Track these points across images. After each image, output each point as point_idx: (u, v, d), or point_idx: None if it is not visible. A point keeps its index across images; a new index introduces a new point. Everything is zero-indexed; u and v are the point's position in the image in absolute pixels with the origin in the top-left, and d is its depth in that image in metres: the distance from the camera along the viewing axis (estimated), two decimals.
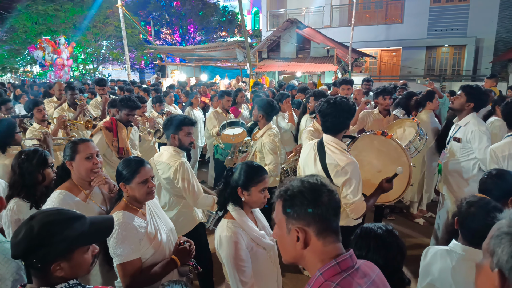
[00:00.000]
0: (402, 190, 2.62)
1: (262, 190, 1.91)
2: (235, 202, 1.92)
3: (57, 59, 15.24)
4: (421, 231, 4.58)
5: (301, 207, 1.10)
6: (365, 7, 18.91)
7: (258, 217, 2.07)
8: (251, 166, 1.95)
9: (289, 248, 1.15)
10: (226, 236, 1.82)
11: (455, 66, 17.73)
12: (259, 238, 1.90)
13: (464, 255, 1.71)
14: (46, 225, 1.21)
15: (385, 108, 4.33)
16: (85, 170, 2.09)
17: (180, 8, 25.13)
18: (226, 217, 1.93)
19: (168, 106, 6.26)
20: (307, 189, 1.12)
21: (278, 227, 1.18)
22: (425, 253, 1.92)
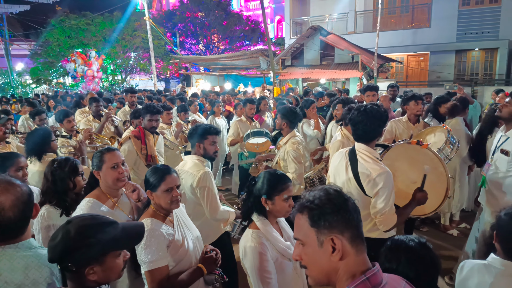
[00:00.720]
0: (439, 203, 2.48)
1: (286, 198, 1.87)
2: (259, 212, 1.89)
3: (88, 71, 15.93)
4: (454, 243, 4.36)
5: (333, 214, 1.06)
6: (390, 12, 18.57)
7: (283, 227, 2.02)
8: (274, 175, 1.92)
9: (322, 263, 1.08)
10: (250, 246, 1.80)
11: (487, 70, 17.01)
12: (284, 249, 1.86)
13: (504, 270, 1.60)
14: (81, 229, 1.25)
15: (416, 114, 4.15)
16: (111, 179, 2.14)
17: (204, 19, 25.70)
18: (251, 227, 1.90)
19: (193, 115, 6.36)
20: (334, 196, 1.10)
21: (306, 243, 1.10)
22: (461, 267, 1.81)
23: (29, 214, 1.50)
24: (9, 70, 19.33)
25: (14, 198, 1.44)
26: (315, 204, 1.09)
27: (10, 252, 1.45)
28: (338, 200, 1.09)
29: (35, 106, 6.37)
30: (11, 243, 1.46)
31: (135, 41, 21.87)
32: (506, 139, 3.11)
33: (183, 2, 26.60)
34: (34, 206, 1.53)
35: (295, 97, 7.83)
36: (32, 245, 1.51)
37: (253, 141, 4.77)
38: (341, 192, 1.12)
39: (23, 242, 1.48)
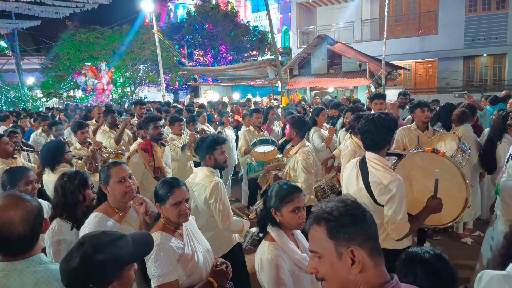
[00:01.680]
0: (458, 212, 2.39)
1: (294, 210, 1.85)
2: (273, 223, 1.90)
3: (98, 84, 16.19)
4: (468, 251, 4.26)
5: (352, 226, 1.05)
6: (397, 20, 18.59)
7: (299, 239, 2.00)
8: (281, 185, 1.92)
9: (342, 275, 1.06)
10: (267, 259, 1.78)
11: (496, 76, 16.83)
12: (301, 261, 1.84)
13: None
14: (98, 247, 1.25)
15: (424, 121, 4.13)
16: (119, 193, 2.13)
17: (212, 30, 26.04)
18: (267, 239, 1.89)
19: (201, 125, 6.40)
20: (352, 207, 1.08)
21: (323, 255, 1.08)
22: (480, 278, 1.76)
23: (39, 229, 1.51)
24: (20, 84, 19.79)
25: (24, 213, 1.44)
26: (333, 216, 1.07)
27: (20, 267, 1.44)
28: (356, 212, 1.07)
29: (53, 118, 6.50)
30: (20, 258, 1.45)
31: (144, 54, 22.23)
32: None
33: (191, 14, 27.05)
34: (44, 221, 1.54)
35: (303, 107, 7.84)
36: (42, 260, 1.50)
37: (260, 150, 4.77)
38: (358, 203, 1.11)
39: (33, 257, 1.48)
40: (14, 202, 1.45)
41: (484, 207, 4.92)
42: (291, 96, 13.60)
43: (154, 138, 3.91)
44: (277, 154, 4.80)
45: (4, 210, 1.43)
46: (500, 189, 3.20)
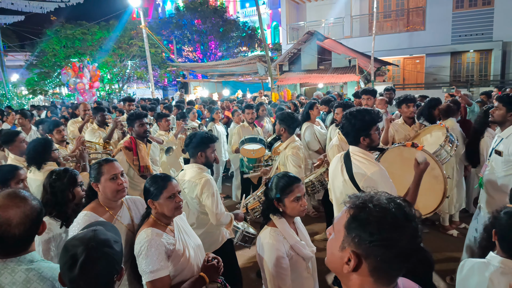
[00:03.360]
0: (437, 203, 2.51)
1: (296, 199, 1.97)
2: (275, 212, 2.02)
3: (78, 84, 15.69)
4: (455, 243, 4.36)
5: (369, 238, 0.94)
6: (385, 16, 18.74)
7: (299, 228, 2.14)
8: (281, 178, 2.04)
9: (336, 262, 1.03)
10: (268, 243, 1.91)
11: (482, 71, 17.16)
12: (299, 248, 1.97)
13: (503, 268, 1.64)
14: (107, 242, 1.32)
15: (409, 116, 4.23)
16: (111, 190, 2.11)
17: (201, 26, 25.84)
18: (269, 225, 2.03)
19: (192, 122, 6.38)
20: (388, 222, 0.94)
21: (335, 235, 1.05)
22: (462, 267, 1.84)
23: (35, 231, 1.50)
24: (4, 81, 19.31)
25: (23, 216, 1.43)
26: (361, 214, 0.98)
27: (12, 266, 1.44)
28: (388, 230, 0.93)
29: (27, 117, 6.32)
30: (12, 256, 1.45)
31: (131, 50, 21.94)
32: (500, 140, 3.18)
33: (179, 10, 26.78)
34: (42, 224, 1.54)
35: (294, 102, 7.87)
36: (34, 258, 1.50)
37: (249, 147, 4.83)
38: (402, 220, 0.95)
39: (25, 256, 1.48)
40: (16, 203, 1.44)
41: (469, 200, 5.04)
42: (281, 92, 13.63)
43: (140, 135, 3.86)
44: (265, 152, 4.85)
45: (3, 210, 1.41)
46: (484, 182, 3.30)
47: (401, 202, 0.99)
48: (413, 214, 0.98)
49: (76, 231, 1.92)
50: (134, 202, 2.33)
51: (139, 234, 1.93)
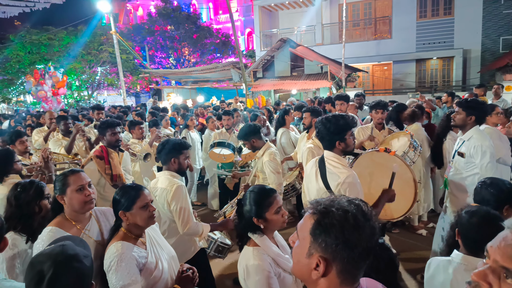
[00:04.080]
0: (408, 207, 2.60)
1: (277, 211, 1.85)
2: (255, 231, 1.84)
3: (39, 92, 14.93)
4: (424, 242, 4.54)
5: (335, 241, 0.97)
6: (354, 25, 19.38)
7: (279, 241, 1.99)
8: (257, 192, 1.89)
9: (303, 269, 1.04)
10: (254, 265, 1.73)
11: (445, 77, 18.05)
12: (285, 263, 1.82)
13: (465, 265, 1.72)
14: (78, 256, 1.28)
15: (378, 122, 4.39)
16: (78, 202, 2.02)
17: (174, 32, 25.60)
18: (249, 245, 1.84)
19: (165, 129, 6.29)
20: (350, 224, 0.97)
21: (300, 242, 1.06)
22: (429, 265, 1.93)
23: None
24: None
25: None
26: (327, 217, 1.00)
27: None
28: (351, 231, 0.97)
29: None
30: None
31: (101, 56, 21.37)
32: (462, 142, 3.33)
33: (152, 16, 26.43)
34: (3, 240, 1.46)
35: (267, 108, 7.94)
36: None
37: (218, 151, 4.82)
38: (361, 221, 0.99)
39: None
40: None
41: (436, 200, 5.27)
42: (256, 99, 13.72)
43: (112, 144, 3.74)
44: (234, 158, 4.87)
45: None
46: (448, 182, 3.46)
47: (359, 203, 1.03)
48: (370, 213, 1.02)
49: (40, 249, 1.82)
50: (104, 213, 2.24)
51: (108, 248, 1.86)
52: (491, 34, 16.46)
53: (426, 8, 17.39)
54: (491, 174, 3.01)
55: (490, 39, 16.52)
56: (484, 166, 3.10)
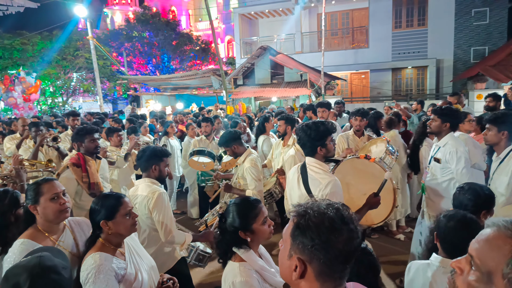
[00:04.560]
0: (388, 213, 2.64)
1: (264, 221, 1.80)
2: (241, 245, 1.77)
3: (9, 98, 14.35)
4: (403, 247, 4.63)
5: (311, 242, 0.99)
6: (333, 34, 19.82)
7: (263, 254, 1.93)
8: (241, 204, 1.83)
9: (285, 270, 1.07)
10: (241, 282, 1.66)
11: (420, 86, 18.69)
12: (272, 278, 1.77)
13: (444, 268, 1.75)
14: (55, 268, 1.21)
15: (357, 128, 4.48)
16: (52, 212, 1.94)
17: (153, 39, 25.37)
18: (235, 260, 1.76)
19: (143, 137, 6.17)
20: (325, 226, 0.99)
21: (284, 245, 1.09)
22: (408, 269, 1.96)
23: None
24: None
25: None
26: (302, 221, 1.02)
27: None
28: (325, 233, 0.98)
29: None
30: None
31: (77, 61, 20.85)
32: (438, 148, 3.43)
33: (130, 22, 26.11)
34: None
35: (248, 115, 7.95)
36: None
37: (197, 159, 4.79)
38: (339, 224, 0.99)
39: None
40: None
41: (413, 205, 5.40)
42: (236, 106, 13.72)
43: (90, 151, 3.63)
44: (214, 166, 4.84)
45: None
46: (425, 188, 3.55)
47: (339, 207, 1.04)
48: (350, 217, 1.02)
49: (12, 263, 1.72)
50: (79, 224, 2.16)
51: (85, 260, 1.78)
52: (462, 45, 17.23)
53: (401, 19, 18.02)
54: (466, 179, 3.11)
55: (462, 50, 17.28)
56: (459, 171, 3.19)
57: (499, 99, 5.50)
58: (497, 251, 0.82)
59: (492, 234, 0.85)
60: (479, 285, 0.84)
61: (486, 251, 0.84)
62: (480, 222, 1.87)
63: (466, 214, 1.86)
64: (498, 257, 0.81)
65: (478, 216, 2.07)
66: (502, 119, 2.98)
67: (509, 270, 0.78)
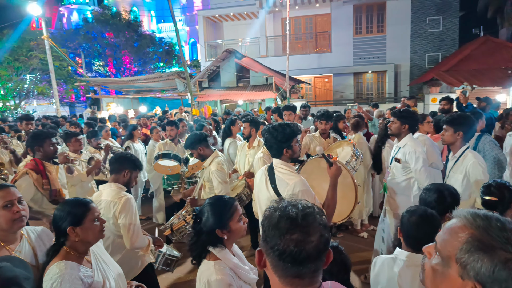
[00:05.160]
0: (350, 210, 2.72)
1: (240, 219, 1.84)
2: (215, 244, 1.78)
3: None
4: (367, 244, 4.78)
5: (263, 236, 1.06)
6: (297, 38, 20.23)
7: (236, 252, 1.95)
8: (217, 203, 1.85)
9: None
10: (216, 280, 1.67)
11: (379, 90, 19.56)
12: (246, 275, 1.80)
13: (408, 261, 1.82)
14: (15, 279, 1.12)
15: (322, 132, 4.59)
16: (5, 221, 1.83)
17: (113, 40, 24.48)
18: (210, 259, 1.77)
19: (104, 140, 5.92)
20: (273, 224, 1.03)
21: None
22: (374, 263, 2.02)
23: None
24: None
25: None
26: (265, 216, 1.07)
27: None
28: (272, 230, 1.01)
29: None
30: None
31: (31, 62, 19.60)
32: (398, 149, 3.60)
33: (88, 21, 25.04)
34: None
35: (214, 119, 7.89)
36: None
37: (164, 163, 4.68)
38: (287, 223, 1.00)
39: None
40: None
41: (375, 204, 5.61)
42: (202, 109, 13.57)
43: (49, 157, 3.42)
44: (180, 169, 4.75)
45: None
46: (387, 187, 3.70)
47: (300, 207, 1.02)
48: (310, 220, 1.00)
49: None
50: (37, 233, 2.03)
51: (49, 269, 1.68)
52: (418, 51, 18.27)
53: (361, 25, 18.78)
54: (424, 177, 3.27)
55: (417, 56, 18.32)
56: (418, 171, 3.35)
57: (453, 102, 5.86)
58: (455, 239, 0.88)
59: (454, 224, 0.92)
60: (439, 268, 0.92)
61: (446, 238, 0.92)
62: (440, 218, 1.96)
63: (427, 209, 1.95)
64: (455, 243, 0.88)
65: (442, 217, 2.12)
66: (458, 121, 3.17)
67: (461, 255, 0.85)
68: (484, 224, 0.85)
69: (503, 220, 0.85)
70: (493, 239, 0.82)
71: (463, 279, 0.85)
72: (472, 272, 0.83)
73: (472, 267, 0.83)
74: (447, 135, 3.22)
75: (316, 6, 18.90)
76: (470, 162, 3.03)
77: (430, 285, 0.96)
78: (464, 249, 0.85)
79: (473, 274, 0.83)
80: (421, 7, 17.77)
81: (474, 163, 3.01)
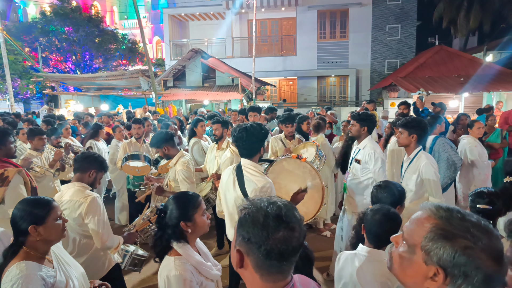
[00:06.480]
0: (316, 210, 2.82)
1: (204, 213, 1.86)
2: (179, 239, 1.80)
3: None
4: (329, 243, 4.96)
5: (247, 236, 1.03)
6: (263, 40, 20.47)
7: (200, 248, 1.97)
8: (182, 197, 1.88)
9: (232, 261, 1.11)
10: (175, 275, 1.68)
11: (342, 93, 20.27)
12: (208, 271, 1.81)
13: (369, 257, 1.94)
14: None
15: (288, 134, 4.71)
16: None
17: (72, 34, 23.33)
18: (171, 254, 1.78)
19: (65, 139, 5.67)
20: (259, 222, 1.02)
21: (233, 238, 1.12)
22: (338, 259, 2.12)
23: None
24: None
25: None
26: (244, 215, 1.06)
27: None
28: (259, 229, 1.02)
29: None
30: None
31: None
32: (358, 150, 3.75)
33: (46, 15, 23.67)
34: None
35: (179, 118, 7.81)
36: None
37: (133, 164, 4.59)
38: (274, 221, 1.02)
39: None
40: None
41: (336, 204, 5.83)
42: (167, 108, 13.33)
43: (10, 155, 3.26)
44: (150, 170, 4.68)
45: None
46: (347, 187, 3.86)
47: (281, 205, 1.06)
48: (292, 216, 1.05)
49: None
50: None
51: (8, 270, 1.63)
52: (378, 57, 19.16)
53: (325, 30, 19.37)
54: (382, 177, 3.45)
55: (377, 62, 19.21)
56: (376, 171, 3.53)
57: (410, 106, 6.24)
58: (420, 228, 0.97)
59: (420, 215, 1.01)
60: (406, 255, 1.00)
61: (413, 228, 1.00)
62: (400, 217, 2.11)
63: (390, 208, 2.08)
64: (420, 232, 0.96)
65: (395, 208, 2.32)
66: (412, 124, 3.37)
67: (426, 243, 0.94)
68: (446, 214, 0.94)
69: (463, 212, 0.95)
70: (454, 228, 0.91)
71: (427, 265, 0.93)
72: (435, 258, 0.91)
73: (435, 253, 0.91)
74: (402, 138, 3.41)
75: (282, 9, 19.23)
76: (423, 163, 3.22)
77: (397, 271, 1.03)
78: (428, 237, 0.93)
79: (436, 260, 0.91)
80: (381, 15, 18.67)
81: (426, 163, 3.21)
